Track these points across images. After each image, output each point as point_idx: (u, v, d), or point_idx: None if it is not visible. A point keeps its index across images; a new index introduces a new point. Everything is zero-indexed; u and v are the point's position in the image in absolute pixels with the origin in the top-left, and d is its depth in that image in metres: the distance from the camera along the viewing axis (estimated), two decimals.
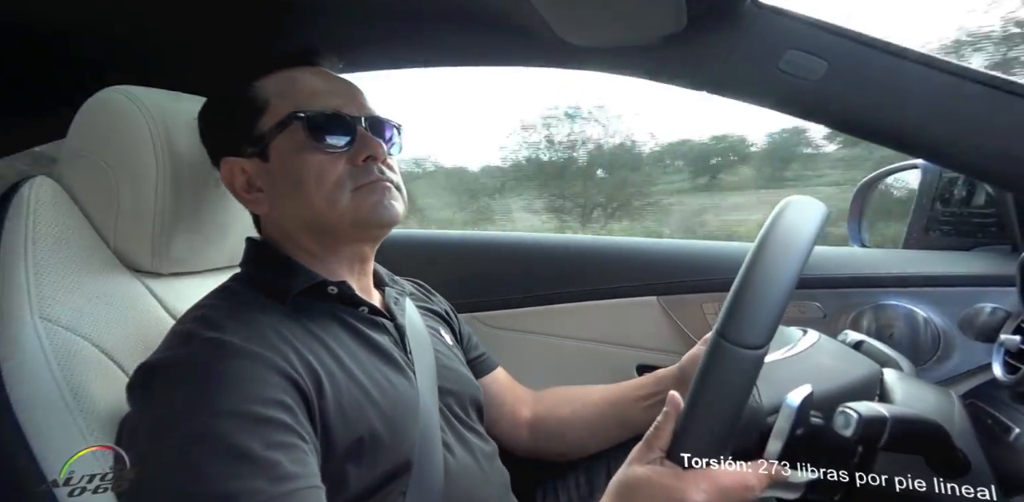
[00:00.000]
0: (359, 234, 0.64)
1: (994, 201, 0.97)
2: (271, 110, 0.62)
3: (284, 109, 0.61)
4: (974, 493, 0.44)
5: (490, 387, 0.82)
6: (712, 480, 0.44)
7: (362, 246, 0.67)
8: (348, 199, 0.60)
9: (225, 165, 0.64)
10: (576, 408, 0.81)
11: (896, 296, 0.94)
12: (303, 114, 0.60)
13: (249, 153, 0.63)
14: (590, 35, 0.76)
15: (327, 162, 0.60)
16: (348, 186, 0.61)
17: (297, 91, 0.63)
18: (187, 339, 0.53)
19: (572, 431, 0.81)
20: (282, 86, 0.63)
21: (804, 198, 0.54)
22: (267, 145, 0.62)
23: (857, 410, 0.44)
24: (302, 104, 0.61)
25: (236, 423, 0.47)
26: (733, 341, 0.43)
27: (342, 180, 0.60)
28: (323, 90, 0.64)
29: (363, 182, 0.61)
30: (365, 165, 0.61)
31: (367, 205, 0.61)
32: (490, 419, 0.79)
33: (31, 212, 0.62)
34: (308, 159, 0.60)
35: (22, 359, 0.55)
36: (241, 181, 0.64)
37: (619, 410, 0.78)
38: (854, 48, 0.67)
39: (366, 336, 0.63)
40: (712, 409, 0.44)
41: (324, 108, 0.62)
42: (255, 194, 0.64)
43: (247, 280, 0.63)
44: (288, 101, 0.62)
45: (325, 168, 0.60)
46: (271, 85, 0.64)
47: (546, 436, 0.82)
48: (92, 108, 0.68)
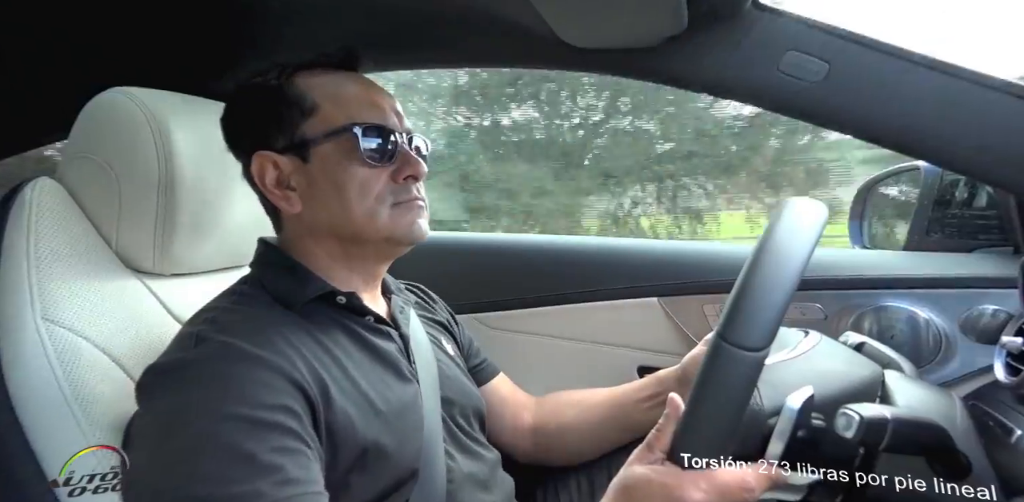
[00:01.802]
0: (387, 249, 0.65)
1: (995, 203, 0.97)
2: (321, 115, 0.62)
3: (337, 117, 0.61)
4: (975, 495, 0.44)
5: (492, 395, 0.82)
6: (712, 480, 0.43)
7: (382, 259, 0.67)
8: (387, 215, 0.61)
9: (258, 158, 0.63)
10: (578, 412, 0.81)
11: (898, 298, 0.94)
12: (359, 127, 0.61)
13: (284, 150, 0.62)
14: (590, 36, 0.76)
15: (372, 176, 0.61)
16: (388, 201, 0.61)
17: (349, 100, 0.63)
18: (197, 341, 0.53)
19: (575, 435, 0.81)
20: (332, 90, 0.63)
21: (805, 199, 0.54)
22: (309, 147, 0.61)
23: (859, 412, 0.43)
24: (355, 115, 0.61)
25: (242, 427, 0.47)
26: (734, 343, 0.43)
27: (383, 195, 0.61)
28: (372, 102, 0.64)
29: (402, 199, 0.62)
30: (405, 183, 0.62)
31: (404, 223, 0.62)
32: (492, 427, 0.79)
33: (33, 213, 0.62)
34: (355, 170, 0.61)
35: (24, 360, 0.56)
36: (272, 176, 0.63)
37: (622, 412, 0.78)
38: (855, 50, 0.67)
39: (371, 345, 0.63)
40: (713, 411, 0.44)
41: (375, 121, 0.62)
42: (287, 191, 0.63)
43: (258, 284, 0.62)
44: (340, 109, 0.62)
45: (370, 181, 0.61)
46: (319, 87, 0.63)
47: (548, 442, 0.82)
48: (94, 109, 0.68)
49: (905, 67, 0.66)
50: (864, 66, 0.67)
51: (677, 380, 0.73)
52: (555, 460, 0.83)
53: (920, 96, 0.66)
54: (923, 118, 0.67)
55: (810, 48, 0.68)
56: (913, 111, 0.67)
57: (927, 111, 0.66)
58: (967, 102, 0.65)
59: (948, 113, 0.66)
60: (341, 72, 0.66)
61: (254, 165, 0.63)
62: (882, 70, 0.67)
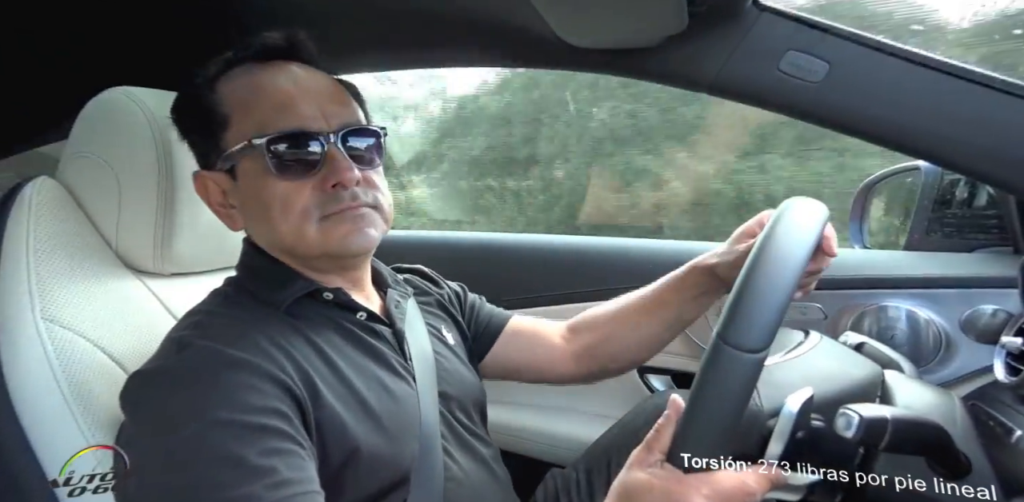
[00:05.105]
0: (329, 263, 0.62)
1: (995, 203, 0.97)
2: (233, 127, 0.57)
3: (245, 129, 0.56)
4: (975, 494, 0.44)
5: (515, 336, 0.82)
6: (713, 484, 0.43)
7: (340, 270, 0.64)
8: (315, 230, 0.57)
9: (198, 179, 0.61)
10: (620, 322, 0.80)
11: (897, 298, 0.94)
12: (262, 140, 0.55)
13: (217, 167, 0.59)
14: (591, 36, 0.76)
15: (292, 190, 0.56)
16: (315, 216, 0.56)
17: (258, 105, 0.57)
18: (181, 347, 0.52)
19: (620, 345, 0.80)
20: (244, 95, 0.58)
21: (805, 199, 0.54)
22: (234, 164, 0.58)
23: (858, 412, 0.43)
24: (265, 123, 0.56)
25: (230, 432, 0.47)
26: (734, 344, 0.43)
27: (307, 210, 0.56)
28: (289, 100, 0.57)
29: (331, 211, 0.57)
30: (334, 191, 0.57)
31: (336, 236, 0.57)
32: (529, 364, 0.80)
33: (33, 213, 0.62)
34: (272, 186, 0.56)
35: (24, 360, 0.56)
36: (216, 194, 0.61)
37: (667, 310, 0.77)
38: (855, 49, 0.67)
39: (364, 342, 0.62)
40: (713, 412, 0.44)
41: (288, 127, 0.56)
42: (229, 210, 0.61)
43: (242, 285, 0.62)
44: (249, 119, 0.57)
45: (290, 197, 0.56)
46: (232, 93, 0.58)
47: (593, 359, 0.81)
48: (94, 109, 0.68)
49: (905, 67, 0.66)
50: (864, 66, 0.67)
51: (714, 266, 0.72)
52: (610, 372, 0.83)
53: (920, 96, 0.66)
54: (923, 118, 0.67)
55: (810, 48, 0.68)
56: (913, 111, 0.67)
57: (927, 111, 0.66)
58: (967, 102, 0.65)
59: (948, 113, 0.66)
60: (268, 65, 0.59)
61: (196, 186, 0.62)
62: (882, 70, 0.67)
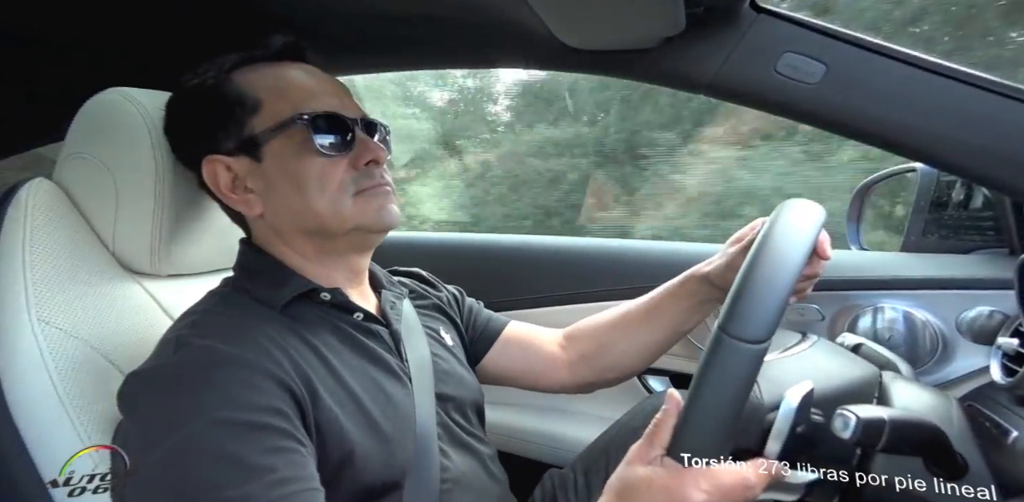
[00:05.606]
0: (359, 240, 0.63)
1: (992, 204, 0.97)
2: (266, 110, 0.60)
3: (283, 110, 0.59)
4: (974, 495, 0.44)
5: (511, 342, 0.82)
6: (713, 479, 0.43)
7: (358, 251, 0.65)
8: (351, 203, 0.59)
9: (208, 163, 0.61)
10: (617, 330, 0.80)
11: (894, 299, 0.94)
12: (306, 116, 0.58)
13: (234, 151, 0.60)
14: (588, 38, 0.76)
15: (329, 166, 0.59)
16: (351, 190, 0.60)
17: (294, 90, 0.61)
18: (179, 346, 0.52)
19: (616, 353, 0.80)
20: (273, 83, 0.61)
21: (803, 200, 0.55)
22: (260, 146, 0.60)
23: (856, 413, 0.43)
24: (300, 105, 0.59)
25: (229, 431, 0.46)
26: (735, 335, 0.43)
27: (345, 184, 0.59)
28: (319, 90, 0.62)
29: (366, 186, 0.60)
30: (367, 169, 0.61)
31: (371, 210, 0.60)
32: (526, 371, 0.80)
33: (29, 214, 0.62)
34: (311, 162, 0.59)
35: (20, 362, 0.55)
36: (226, 180, 0.61)
37: (666, 317, 0.77)
38: (852, 51, 0.67)
39: (360, 343, 0.62)
40: (713, 404, 0.44)
41: (325, 109, 0.60)
42: (245, 195, 0.61)
43: (239, 285, 0.61)
44: (286, 101, 0.60)
45: (327, 172, 0.59)
46: (259, 81, 0.61)
47: (590, 368, 0.81)
48: (91, 109, 0.68)
49: (902, 69, 0.66)
50: (861, 68, 0.67)
51: (708, 272, 0.72)
52: (607, 382, 0.82)
53: (917, 98, 0.66)
54: (920, 120, 0.67)
55: (807, 50, 0.68)
56: (910, 113, 0.67)
57: (924, 113, 0.67)
58: (963, 104, 0.65)
59: (944, 115, 0.66)
60: (283, 64, 0.63)
61: (205, 171, 0.61)
62: (879, 72, 0.67)
